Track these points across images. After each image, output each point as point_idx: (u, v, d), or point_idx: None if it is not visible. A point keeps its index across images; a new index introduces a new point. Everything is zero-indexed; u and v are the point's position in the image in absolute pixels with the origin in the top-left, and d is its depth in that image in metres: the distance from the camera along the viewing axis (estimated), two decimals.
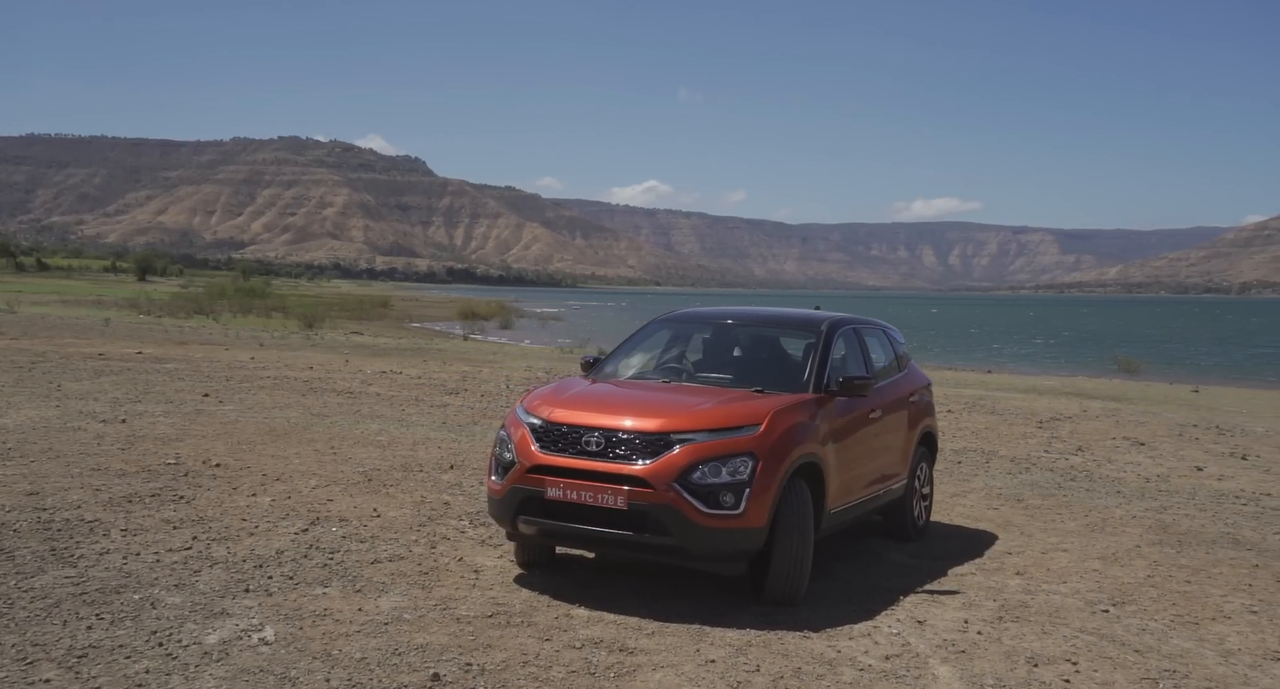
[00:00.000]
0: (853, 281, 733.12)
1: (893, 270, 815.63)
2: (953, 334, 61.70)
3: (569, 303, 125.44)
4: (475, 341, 33.58)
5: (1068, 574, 6.00)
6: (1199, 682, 4.28)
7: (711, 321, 6.66)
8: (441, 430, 10.71)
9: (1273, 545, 6.95)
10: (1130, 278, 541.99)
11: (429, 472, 8.30)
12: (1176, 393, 21.43)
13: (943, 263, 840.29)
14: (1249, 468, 10.46)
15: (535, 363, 21.19)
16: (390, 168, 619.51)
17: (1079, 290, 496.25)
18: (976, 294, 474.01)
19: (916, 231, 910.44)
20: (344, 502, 7.03)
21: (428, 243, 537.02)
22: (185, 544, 5.73)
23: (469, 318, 50.60)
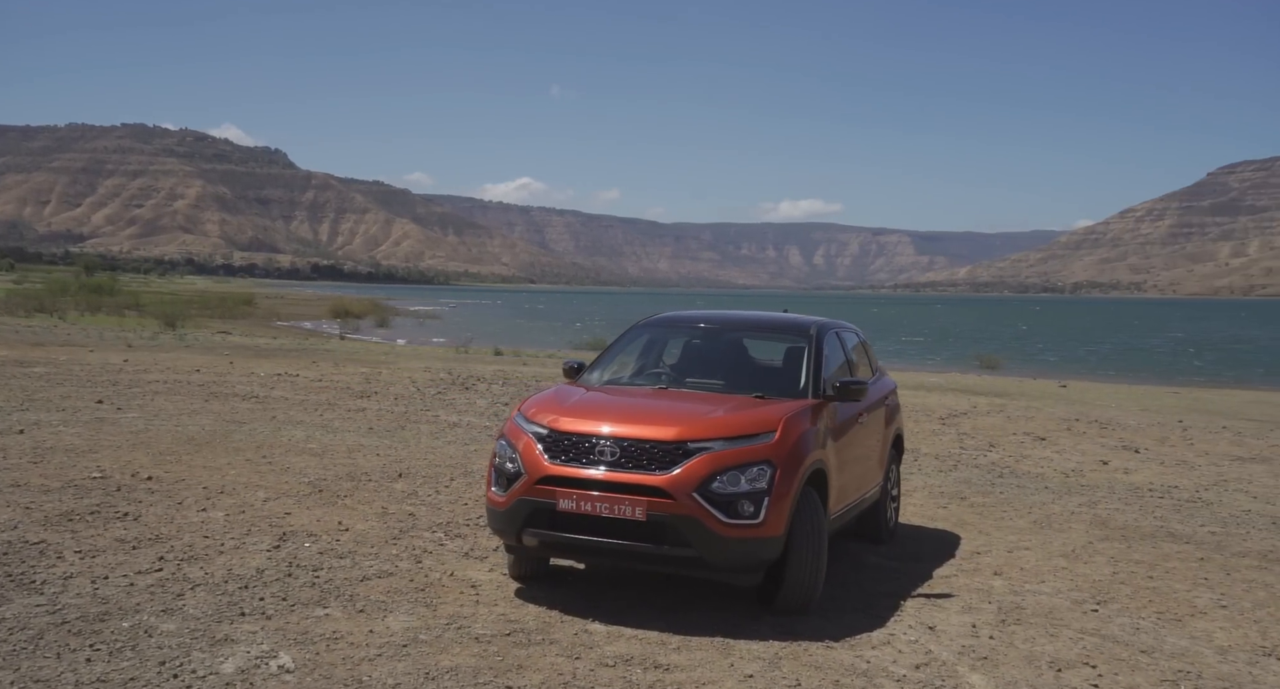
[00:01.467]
0: (724, 280, 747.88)
1: (762, 269, 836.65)
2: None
3: (445, 301, 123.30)
4: (354, 341, 32.49)
5: (1041, 573, 6.17)
6: (1212, 682, 4.42)
7: (698, 326, 6.59)
8: (371, 436, 10.39)
9: (1204, 538, 7.33)
10: (978, 278, 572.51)
11: (378, 481, 8.04)
12: (1046, 388, 22.82)
13: (808, 262, 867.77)
14: (1145, 460, 11.10)
15: (432, 363, 20.76)
16: (248, 159, 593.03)
17: (933, 289, 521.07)
18: (840, 292, 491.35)
19: (784, 232, 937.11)
20: (303, 515, 6.73)
21: (290, 238, 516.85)
22: (153, 565, 5.38)
23: (342, 316, 48.83)
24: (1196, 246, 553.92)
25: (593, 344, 36.01)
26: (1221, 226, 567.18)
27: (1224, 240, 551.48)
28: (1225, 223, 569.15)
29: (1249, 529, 7.69)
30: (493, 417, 12.46)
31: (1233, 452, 12.13)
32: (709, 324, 6.60)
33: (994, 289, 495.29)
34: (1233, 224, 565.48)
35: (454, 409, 13.04)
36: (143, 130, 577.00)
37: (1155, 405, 18.91)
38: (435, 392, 14.95)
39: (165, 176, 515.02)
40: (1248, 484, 9.74)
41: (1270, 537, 7.44)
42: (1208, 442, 13.02)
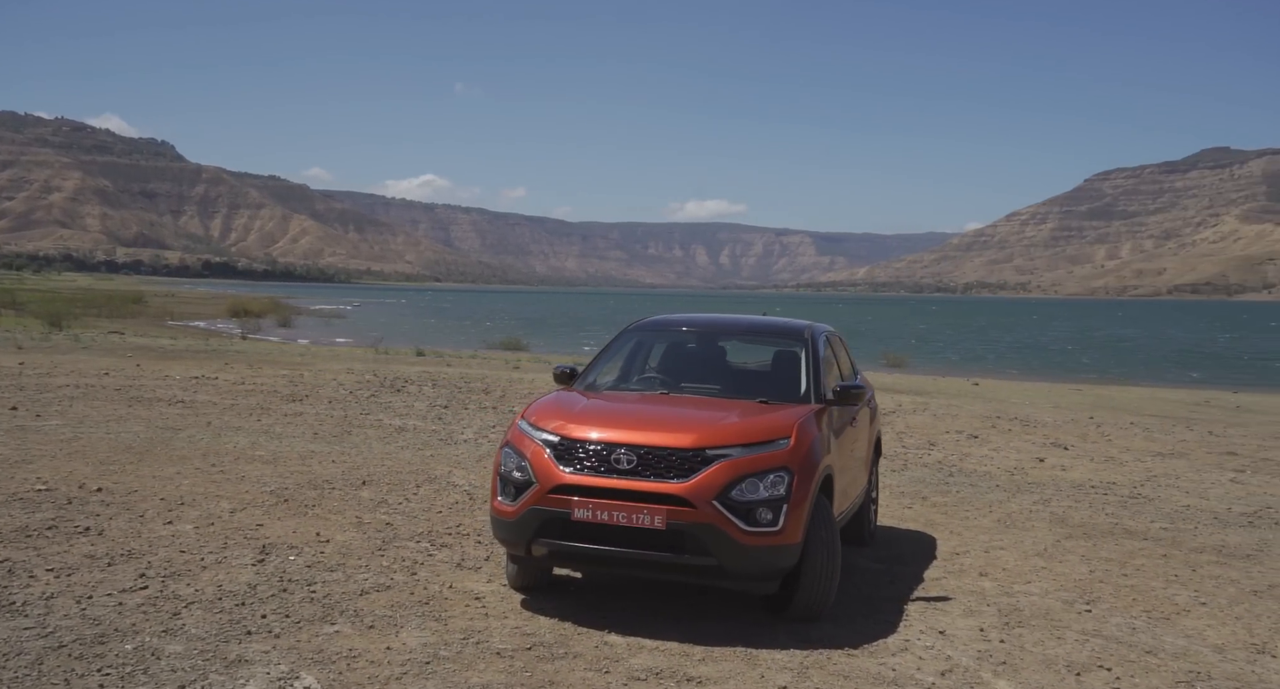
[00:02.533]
0: (631, 279, 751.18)
1: (669, 269, 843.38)
2: None
3: (350, 300, 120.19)
4: (257, 342, 31.34)
5: (1024, 573, 6.27)
6: (1222, 682, 4.53)
7: (691, 331, 6.54)
8: (319, 442, 10.10)
9: (1158, 534, 7.58)
10: (876, 278, 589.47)
11: (342, 489, 7.82)
12: (961, 386, 23.66)
13: (714, 262, 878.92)
14: (1076, 458, 11.49)
15: (353, 365, 20.27)
16: (132, 151, 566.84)
17: (834, 289, 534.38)
18: (745, 292, 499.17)
19: (690, 232, 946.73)
20: (276, 526, 6.50)
21: (179, 234, 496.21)
22: (136, 583, 5.12)
23: (240, 316, 46.88)
24: (1075, 249, 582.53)
25: (508, 344, 35.60)
26: (1097, 230, 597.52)
27: (1100, 243, 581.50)
28: (1101, 227, 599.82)
29: (1195, 525, 8.00)
30: (436, 420, 12.25)
31: (1149, 448, 12.75)
32: (702, 328, 6.56)
33: (891, 289, 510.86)
34: (1107, 228, 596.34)
35: (394, 412, 12.77)
36: (13, 119, 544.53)
37: (1064, 402, 19.80)
38: (368, 394, 14.62)
39: (39, 168, 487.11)
40: (1176, 480, 10.17)
41: (1217, 532, 7.76)
42: (1124, 438, 13.69)
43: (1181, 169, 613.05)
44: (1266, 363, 42.26)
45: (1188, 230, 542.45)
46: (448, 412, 13.12)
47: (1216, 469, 11.00)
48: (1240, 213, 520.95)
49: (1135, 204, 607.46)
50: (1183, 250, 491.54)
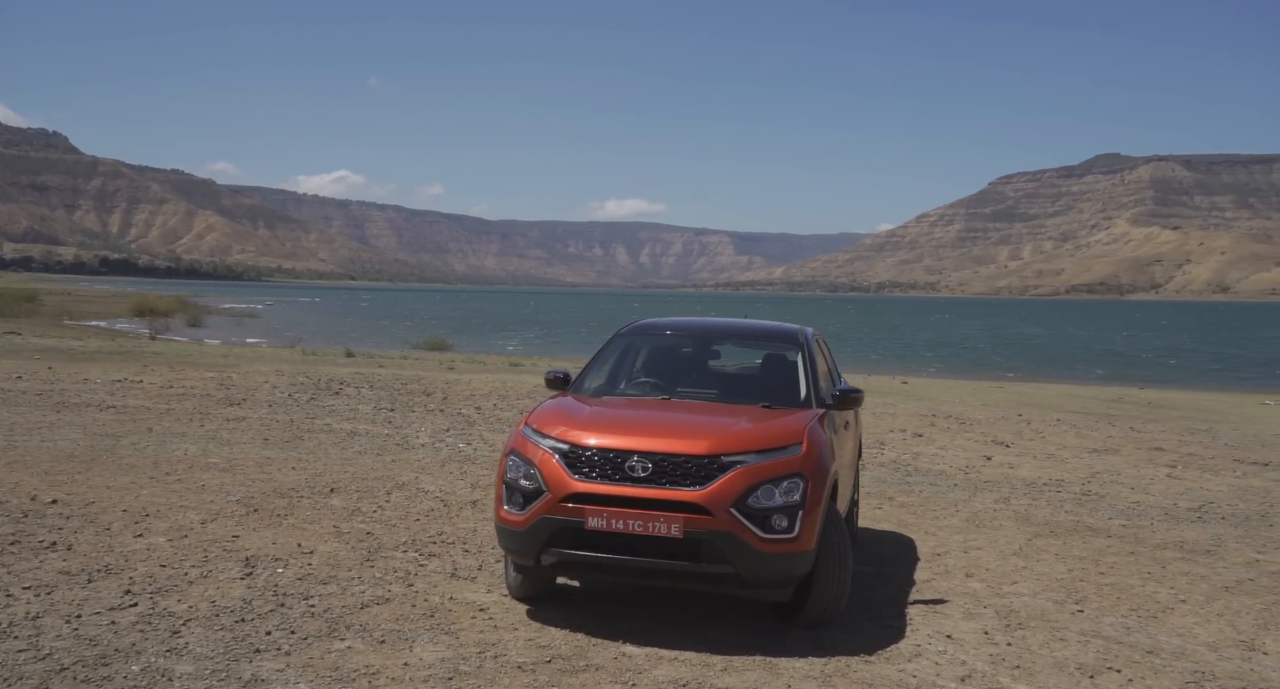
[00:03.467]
0: (552, 278, 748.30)
1: (589, 268, 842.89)
2: None
3: (262, 298, 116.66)
4: (168, 342, 30.17)
5: (1008, 573, 6.36)
6: (1226, 680, 4.62)
7: (685, 335, 6.51)
8: (272, 448, 9.82)
9: (1119, 531, 7.78)
10: (793, 277, 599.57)
11: (311, 497, 7.61)
12: (890, 385, 24.19)
13: (634, 261, 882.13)
14: (1019, 455, 11.79)
15: (281, 366, 19.76)
16: (21, 141, 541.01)
17: (752, 288, 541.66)
18: (665, 291, 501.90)
19: (610, 231, 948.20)
20: (253, 538, 6.29)
21: (74, 229, 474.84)
22: (123, 600, 4.90)
23: (146, 315, 44.89)
24: (981, 250, 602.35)
25: (432, 344, 34.96)
26: (1001, 232, 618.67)
27: (1003, 244, 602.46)
28: (1004, 228, 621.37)
29: (1150, 521, 8.25)
30: (385, 424, 12.02)
31: (1083, 444, 13.23)
32: (697, 332, 6.54)
33: (807, 288, 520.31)
34: (1010, 230, 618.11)
35: (340, 416, 12.49)
36: None
37: (991, 400, 20.45)
38: (307, 397, 14.26)
39: None
40: (1118, 476, 10.49)
41: (1173, 528, 8.01)
42: (1056, 435, 14.19)
43: (1077, 174, 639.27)
44: (1162, 360, 44.29)
45: (1083, 233, 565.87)
46: (395, 415, 12.88)
47: (1150, 465, 11.42)
48: (1130, 216, 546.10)
49: (1036, 207, 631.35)
50: (1079, 252, 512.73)
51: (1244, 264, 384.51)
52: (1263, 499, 9.44)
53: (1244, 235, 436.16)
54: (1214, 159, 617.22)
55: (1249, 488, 10.05)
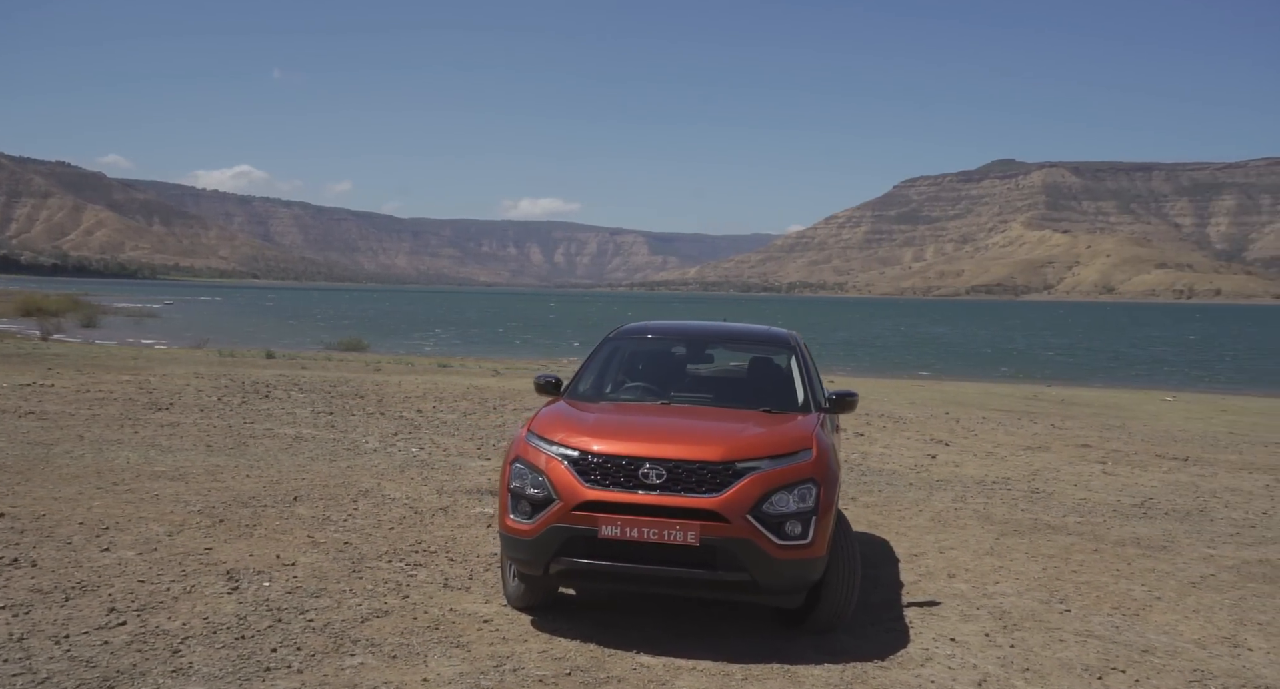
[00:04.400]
0: (465, 277, 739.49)
1: (503, 267, 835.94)
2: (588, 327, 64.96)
3: (161, 297, 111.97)
4: (61, 343, 28.68)
5: (986, 573, 6.45)
6: (1224, 678, 4.72)
7: (677, 338, 6.46)
8: (217, 455, 9.50)
9: (1076, 528, 7.97)
10: (706, 277, 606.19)
11: (275, 506, 7.38)
12: None
13: (549, 261, 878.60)
14: (960, 454, 12.03)
15: (199, 369, 19.10)
16: None
17: (667, 288, 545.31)
18: (581, 291, 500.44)
19: (524, 230, 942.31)
20: (227, 550, 6.06)
21: None
22: (109, 619, 4.68)
23: (35, 314, 42.43)
24: (886, 251, 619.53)
25: (348, 344, 34.05)
26: (905, 234, 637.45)
27: (907, 246, 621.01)
28: (908, 230, 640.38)
29: (1102, 518, 8.47)
30: (329, 428, 11.72)
31: (1014, 442, 13.63)
32: (688, 336, 6.51)
33: (721, 288, 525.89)
34: (914, 232, 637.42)
35: (279, 420, 12.13)
36: None
37: (916, 399, 20.98)
38: (238, 401, 13.82)
39: None
40: (1057, 473, 10.77)
41: (1125, 524, 8.22)
42: (987, 433, 14.65)
43: (976, 178, 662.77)
44: (1061, 358, 46.16)
45: (981, 235, 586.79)
46: (335, 419, 12.57)
47: (1083, 462, 11.78)
48: (1024, 220, 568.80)
49: (937, 210, 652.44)
50: (978, 254, 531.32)
51: (1126, 266, 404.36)
52: (1194, 494, 9.83)
53: (1126, 239, 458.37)
54: (1099, 166, 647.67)
55: (1178, 483, 10.47)
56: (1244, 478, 10.95)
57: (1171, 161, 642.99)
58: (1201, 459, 12.41)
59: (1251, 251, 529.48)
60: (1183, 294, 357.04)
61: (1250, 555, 7.25)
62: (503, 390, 17.37)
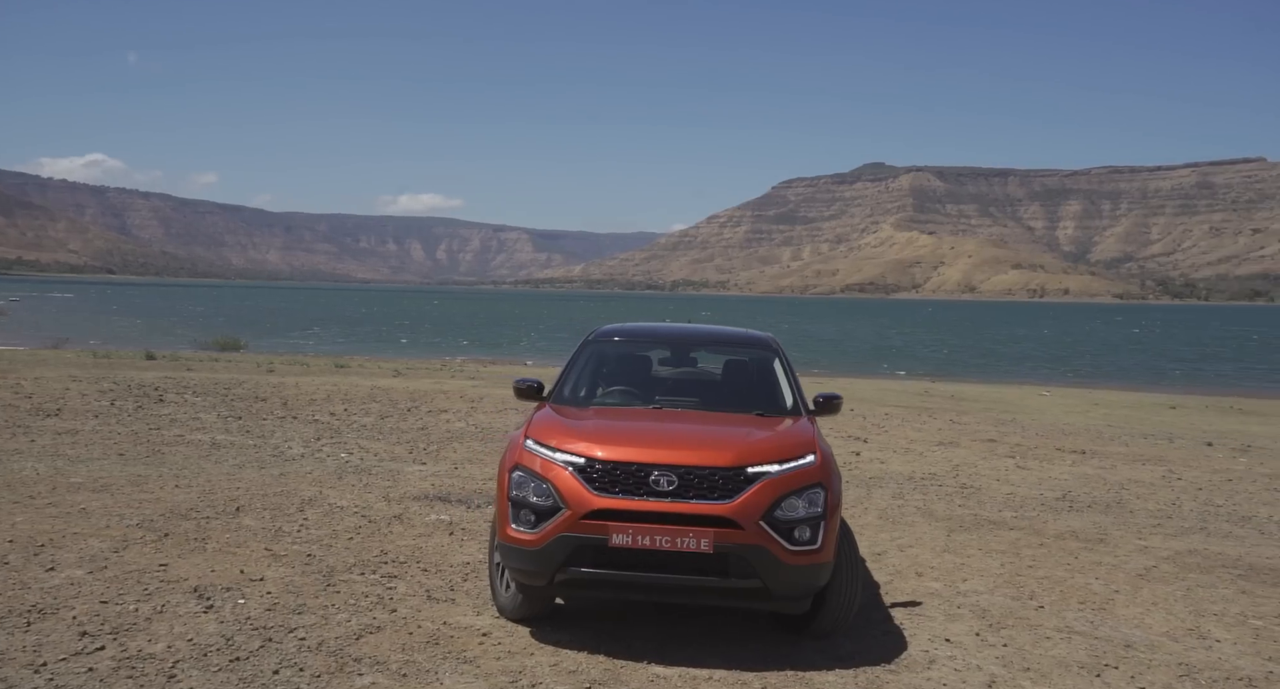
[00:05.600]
0: (343, 274, 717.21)
1: (383, 263, 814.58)
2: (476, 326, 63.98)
3: (8, 294, 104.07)
4: None
5: (953, 571, 6.55)
6: (1207, 671, 4.85)
7: (660, 341, 6.39)
8: (134, 464, 9.03)
9: (1016, 523, 8.17)
10: (591, 275, 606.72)
11: (217, 517, 7.01)
12: None
13: (430, 257, 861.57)
14: (880, 449, 12.32)
15: (74, 371, 18.05)
16: None
17: (551, 286, 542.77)
18: (464, 288, 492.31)
19: (404, 226, 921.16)
20: (185, 566, 5.73)
21: None
22: (85, 644, 4.39)
23: None
24: (766, 251, 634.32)
25: (223, 343, 32.46)
26: (783, 234, 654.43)
27: (785, 246, 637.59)
28: (786, 230, 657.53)
29: (1034, 512, 8.73)
30: (243, 434, 11.24)
31: (925, 438, 14.02)
32: (670, 339, 6.45)
33: (606, 286, 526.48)
34: (791, 232, 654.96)
35: (186, 426, 11.57)
36: None
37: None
38: (132, 406, 13.10)
39: None
40: (976, 469, 11.10)
41: (1056, 518, 8.49)
42: (896, 429, 15.07)
43: (849, 181, 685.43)
44: (936, 355, 48.25)
45: (855, 236, 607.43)
46: (247, 423, 12.04)
47: (995, 456, 12.18)
48: (894, 221, 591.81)
49: (814, 211, 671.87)
50: (851, 254, 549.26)
51: (986, 267, 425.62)
52: (1105, 487, 10.26)
53: (986, 241, 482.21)
54: (961, 171, 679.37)
55: (1087, 476, 10.92)
56: (1140, 469, 11.64)
57: (1025, 168, 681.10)
58: (1096, 452, 13.13)
59: (1094, 253, 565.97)
60: (1036, 293, 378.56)
61: (1178, 546, 7.62)
62: (410, 391, 16.96)
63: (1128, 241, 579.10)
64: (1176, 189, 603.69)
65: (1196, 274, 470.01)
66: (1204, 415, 19.23)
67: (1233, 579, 6.67)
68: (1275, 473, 11.61)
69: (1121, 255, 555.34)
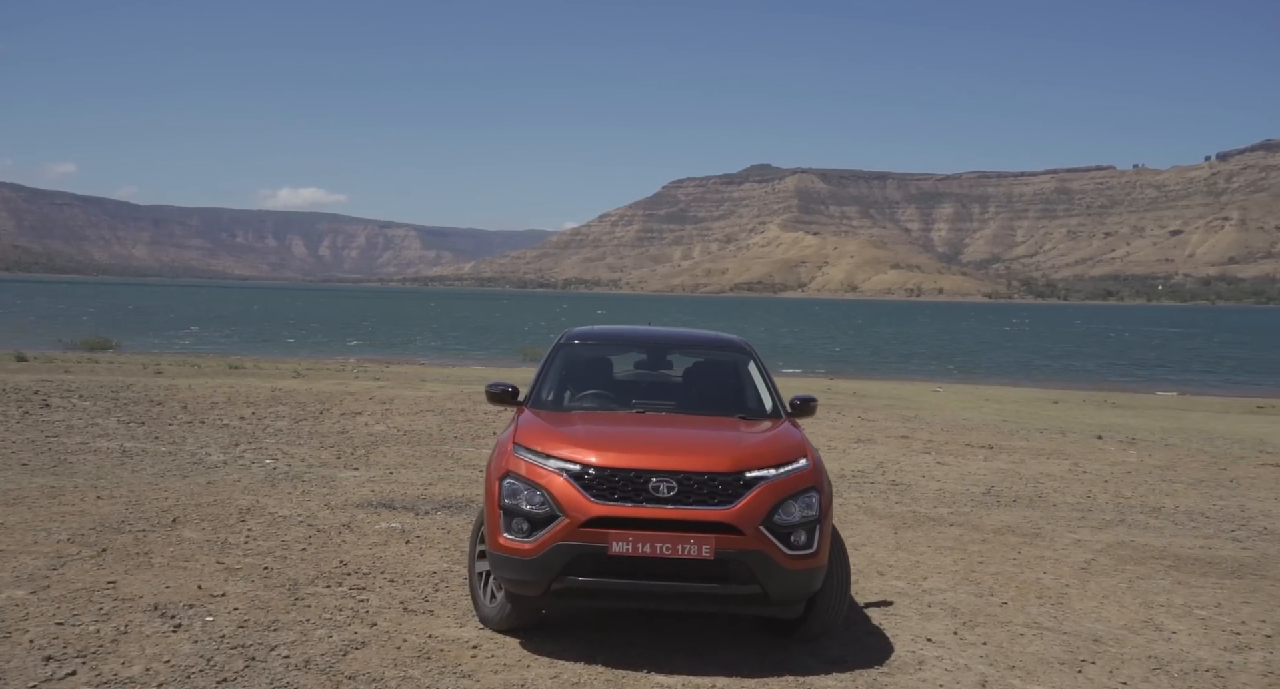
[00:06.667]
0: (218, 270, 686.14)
1: (261, 259, 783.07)
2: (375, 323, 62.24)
3: None
4: None
5: (911, 569, 6.63)
6: (1176, 663, 4.99)
7: (634, 343, 6.32)
8: (44, 474, 8.59)
9: (953, 519, 8.32)
10: (482, 273, 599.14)
11: (154, 530, 6.67)
12: None
13: (313, 254, 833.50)
14: None
15: None
16: None
17: (441, 283, 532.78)
18: (349, 285, 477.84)
19: (285, 221, 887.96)
20: (136, 583, 5.42)
21: None
22: (53, 670, 4.15)
23: None
24: (658, 250, 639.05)
25: (91, 343, 30.57)
26: (674, 233, 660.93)
27: (676, 245, 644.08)
28: (677, 230, 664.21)
29: (967, 507, 8.93)
30: (152, 440, 10.73)
31: (841, 434, 14.23)
32: (645, 342, 6.38)
33: (497, 284, 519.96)
34: (682, 231, 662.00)
35: (86, 433, 11.00)
36: None
37: None
38: (19, 412, 12.35)
39: None
40: (899, 465, 11.33)
41: (989, 513, 8.69)
42: (810, 426, 15.21)
43: (737, 181, 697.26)
44: (833, 352, 49.59)
45: (743, 235, 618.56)
46: (151, 429, 11.49)
47: (914, 453, 12.43)
48: (780, 222, 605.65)
49: (703, 210, 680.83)
50: (740, 253, 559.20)
51: (867, 267, 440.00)
52: (1023, 481, 10.58)
53: (867, 242, 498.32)
54: (843, 173, 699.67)
55: (1001, 471, 11.25)
56: (1047, 463, 12.16)
57: (903, 172, 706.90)
58: (1002, 447, 13.64)
59: (965, 254, 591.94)
60: (913, 292, 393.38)
61: (1107, 539, 7.89)
62: (315, 394, 16.42)
63: (995, 243, 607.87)
64: (1039, 194, 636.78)
65: (1056, 274, 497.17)
66: (1084, 410, 20.20)
67: (1165, 570, 6.97)
68: (1163, 464, 12.34)
69: (990, 256, 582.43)
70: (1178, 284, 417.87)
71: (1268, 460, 12.79)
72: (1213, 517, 9.00)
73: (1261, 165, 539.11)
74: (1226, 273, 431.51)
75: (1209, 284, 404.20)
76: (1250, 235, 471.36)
